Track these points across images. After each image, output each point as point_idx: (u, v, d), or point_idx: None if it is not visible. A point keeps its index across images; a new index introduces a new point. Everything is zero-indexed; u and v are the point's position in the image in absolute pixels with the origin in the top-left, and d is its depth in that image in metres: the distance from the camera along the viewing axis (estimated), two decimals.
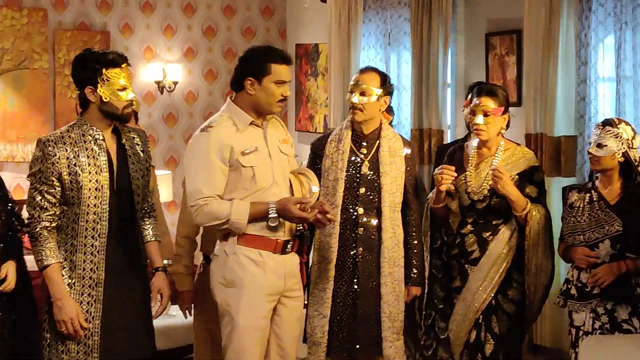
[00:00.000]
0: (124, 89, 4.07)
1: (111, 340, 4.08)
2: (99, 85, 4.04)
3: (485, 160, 4.69)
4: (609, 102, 6.03)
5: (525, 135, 6.28)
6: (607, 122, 4.49)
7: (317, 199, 4.42)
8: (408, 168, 4.75)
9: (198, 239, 4.87)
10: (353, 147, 4.68)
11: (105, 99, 4.04)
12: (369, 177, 4.65)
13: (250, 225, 4.13)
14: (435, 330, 4.79)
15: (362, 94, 4.61)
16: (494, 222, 4.67)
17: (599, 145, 4.43)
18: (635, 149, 4.48)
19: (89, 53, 4.13)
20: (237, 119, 4.19)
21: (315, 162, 4.76)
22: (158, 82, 8.68)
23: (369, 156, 4.68)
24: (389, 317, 4.64)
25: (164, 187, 7.76)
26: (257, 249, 4.19)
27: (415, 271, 4.71)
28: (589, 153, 4.48)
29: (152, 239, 4.32)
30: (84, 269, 4.04)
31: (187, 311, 4.89)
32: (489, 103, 4.58)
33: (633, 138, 4.46)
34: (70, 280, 4.04)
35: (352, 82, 4.67)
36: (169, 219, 8.42)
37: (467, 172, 4.69)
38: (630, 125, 4.50)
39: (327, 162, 4.68)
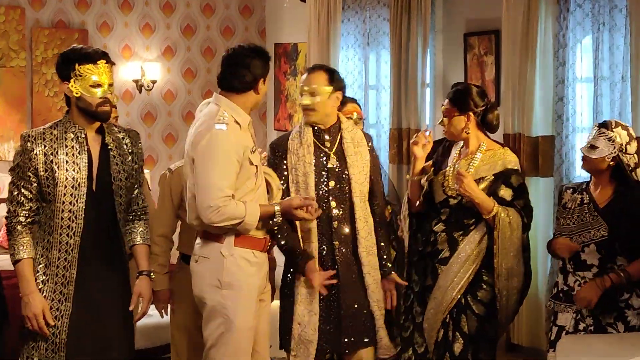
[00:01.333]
0: (97, 85, 4.02)
1: (81, 339, 4.02)
2: (72, 81, 4.02)
3: (465, 159, 4.71)
4: (586, 103, 6.07)
5: (503, 135, 6.31)
6: (604, 124, 4.45)
7: (282, 196, 4.46)
8: (371, 158, 4.77)
9: (175, 237, 4.85)
10: (316, 142, 4.66)
11: (77, 94, 4.01)
12: (336, 170, 4.63)
13: None
14: (413, 313, 4.80)
15: (312, 94, 4.61)
16: (465, 222, 4.67)
17: (592, 147, 4.42)
18: (631, 154, 4.43)
19: (70, 49, 4.11)
20: (239, 118, 4.21)
21: (275, 162, 4.69)
22: (136, 81, 8.65)
23: (334, 149, 4.66)
24: (378, 304, 4.64)
25: None
26: (251, 250, 4.22)
27: (386, 261, 4.71)
28: (582, 151, 4.48)
29: (141, 242, 4.28)
30: (57, 267, 4.00)
31: (163, 311, 4.87)
32: (445, 104, 4.70)
33: (628, 143, 4.41)
34: (44, 277, 4.01)
35: (300, 84, 4.66)
36: None
37: (448, 168, 4.72)
38: (628, 129, 4.44)
39: (293, 158, 4.62)
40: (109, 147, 4.12)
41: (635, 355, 3.48)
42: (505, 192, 4.65)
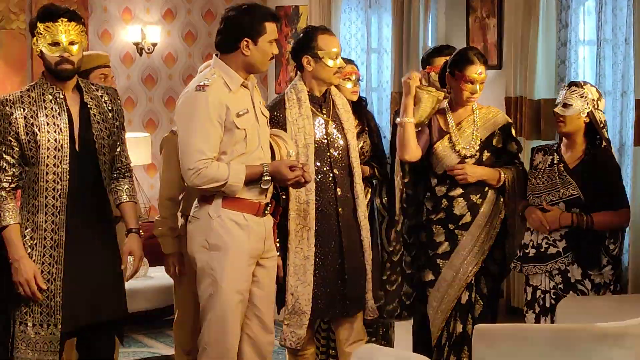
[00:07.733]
0: (55, 44, 3.98)
1: (73, 302, 4.02)
2: (34, 39, 4.01)
3: (466, 119, 4.70)
4: (589, 65, 6.04)
5: (505, 98, 6.30)
6: (573, 83, 4.55)
7: None
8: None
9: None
10: (314, 109, 4.63)
11: (37, 52, 4.01)
12: (334, 136, 4.64)
13: None
14: (402, 266, 4.79)
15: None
16: (480, 184, 4.68)
17: (565, 105, 4.46)
18: (600, 111, 4.52)
19: (42, 6, 4.11)
20: (229, 80, 4.16)
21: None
22: (137, 44, 8.60)
23: (330, 116, 4.66)
24: (370, 267, 4.69)
25: (143, 149, 7.73)
26: (241, 212, 4.18)
27: None
28: (555, 113, 4.50)
29: (127, 200, 4.25)
30: (45, 230, 3.98)
31: (173, 274, 4.86)
32: (483, 70, 4.64)
33: (598, 99, 4.50)
34: (32, 242, 3.98)
35: (334, 49, 4.62)
36: (148, 181, 8.41)
37: (450, 133, 4.69)
38: (595, 87, 4.54)
39: (294, 128, 4.58)
40: (89, 105, 4.09)
41: (635, 316, 3.49)
42: (512, 146, 4.74)
